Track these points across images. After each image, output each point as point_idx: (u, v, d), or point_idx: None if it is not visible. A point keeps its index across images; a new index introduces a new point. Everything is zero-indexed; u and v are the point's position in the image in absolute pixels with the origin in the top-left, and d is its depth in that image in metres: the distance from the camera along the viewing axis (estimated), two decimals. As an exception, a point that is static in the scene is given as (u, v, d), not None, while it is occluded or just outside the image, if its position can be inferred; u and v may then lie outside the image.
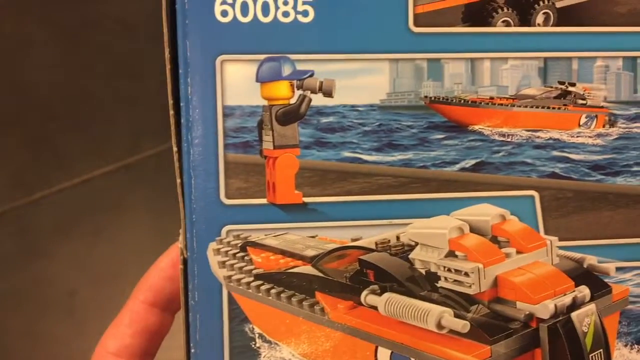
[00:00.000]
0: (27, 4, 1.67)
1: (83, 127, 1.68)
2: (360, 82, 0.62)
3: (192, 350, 0.62)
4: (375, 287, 0.60)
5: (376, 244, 0.63)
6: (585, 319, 0.58)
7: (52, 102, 1.69)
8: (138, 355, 0.68)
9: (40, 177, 1.65)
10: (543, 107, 0.66)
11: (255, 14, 0.60)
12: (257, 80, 0.61)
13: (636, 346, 0.68)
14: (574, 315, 0.57)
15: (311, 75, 0.61)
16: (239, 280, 0.64)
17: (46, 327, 1.51)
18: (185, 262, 0.62)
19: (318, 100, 0.62)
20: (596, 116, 0.66)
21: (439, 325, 0.56)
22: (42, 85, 1.69)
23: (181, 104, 0.60)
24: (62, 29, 1.69)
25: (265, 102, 0.62)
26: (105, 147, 1.67)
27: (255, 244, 0.64)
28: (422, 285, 0.60)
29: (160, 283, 0.67)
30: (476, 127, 0.64)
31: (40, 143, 1.68)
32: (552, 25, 0.64)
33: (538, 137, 0.65)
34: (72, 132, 1.67)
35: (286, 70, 0.61)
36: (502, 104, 0.65)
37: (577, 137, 0.65)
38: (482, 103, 0.64)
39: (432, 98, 0.63)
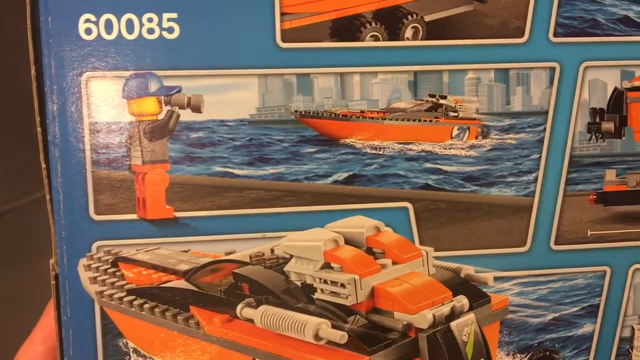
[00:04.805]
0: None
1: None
2: (229, 97, 0.62)
3: (66, 366, 0.63)
4: (251, 300, 0.61)
5: (250, 257, 0.63)
6: (464, 328, 0.58)
7: (52, 102, 1.69)
8: None
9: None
10: (414, 120, 0.67)
11: (119, 31, 0.61)
12: (123, 97, 0.61)
13: (518, 355, 0.69)
14: (453, 324, 0.57)
15: (179, 91, 0.62)
16: (111, 295, 0.64)
17: (46, 327, 1.50)
18: (57, 277, 0.62)
19: (187, 115, 0.62)
20: (468, 128, 0.67)
21: (317, 337, 0.56)
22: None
23: (47, 121, 0.61)
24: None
25: (133, 118, 0.62)
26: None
27: (126, 260, 0.64)
28: (299, 297, 0.60)
29: None
30: (348, 141, 0.65)
31: (40, 143, 1.67)
32: (421, 39, 0.65)
33: (410, 149, 0.65)
34: (72, 132, 1.66)
35: (153, 86, 0.61)
36: (373, 118, 0.65)
37: (450, 149, 0.66)
38: (353, 117, 0.65)
39: (303, 112, 0.64)
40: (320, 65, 0.63)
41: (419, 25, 0.65)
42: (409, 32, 0.65)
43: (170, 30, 0.61)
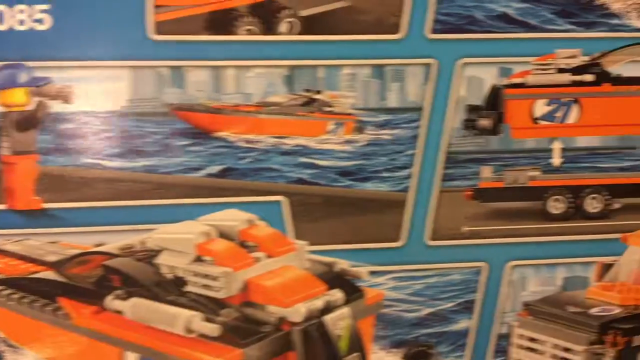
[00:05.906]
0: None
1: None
2: (100, 88, 0.63)
3: None
4: (121, 292, 0.60)
5: (120, 249, 0.63)
6: (338, 322, 0.58)
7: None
8: None
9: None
10: (289, 114, 0.67)
11: (-12, 22, 0.61)
12: (-8, 87, 0.61)
13: (393, 349, 0.69)
14: (327, 318, 0.57)
15: (48, 82, 0.62)
16: (-22, 285, 0.64)
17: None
18: None
19: (57, 106, 0.62)
20: (343, 123, 0.67)
21: (188, 330, 0.56)
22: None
23: None
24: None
25: (2, 109, 0.62)
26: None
27: (-6, 250, 0.64)
28: (170, 290, 0.60)
29: None
30: (221, 134, 0.65)
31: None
32: (297, 34, 0.65)
33: (285, 143, 0.66)
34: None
35: (22, 77, 0.61)
36: (247, 111, 0.65)
37: (325, 143, 0.66)
38: (227, 110, 0.65)
39: (176, 105, 0.64)
40: (193, 58, 0.63)
41: (294, 20, 0.65)
42: (284, 27, 0.65)
43: (41, 21, 0.61)
